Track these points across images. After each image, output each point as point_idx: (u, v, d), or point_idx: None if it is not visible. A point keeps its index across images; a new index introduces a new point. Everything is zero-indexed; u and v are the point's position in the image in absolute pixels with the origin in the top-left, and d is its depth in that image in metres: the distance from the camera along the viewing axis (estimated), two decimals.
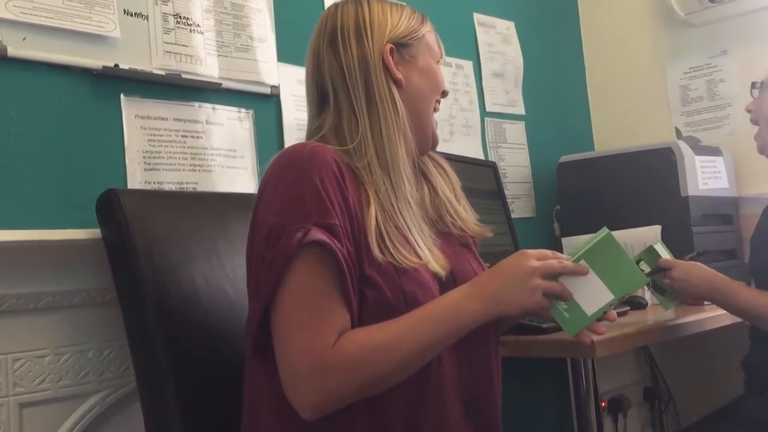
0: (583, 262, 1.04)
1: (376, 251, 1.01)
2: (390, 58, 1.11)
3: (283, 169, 1.02)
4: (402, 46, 1.14)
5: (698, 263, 1.64)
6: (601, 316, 1.05)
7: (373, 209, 1.03)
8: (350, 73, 1.10)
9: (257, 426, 1.07)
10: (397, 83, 1.11)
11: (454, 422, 1.07)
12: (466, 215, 1.21)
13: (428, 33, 1.18)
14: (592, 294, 1.03)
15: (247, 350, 1.08)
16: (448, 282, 1.07)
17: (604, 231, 1.06)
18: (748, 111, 1.75)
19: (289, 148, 1.06)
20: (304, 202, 0.98)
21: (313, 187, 0.98)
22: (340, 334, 0.97)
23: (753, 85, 1.75)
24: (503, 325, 1.26)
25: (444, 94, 1.20)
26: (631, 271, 1.06)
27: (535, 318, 1.49)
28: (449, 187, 1.23)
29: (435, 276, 1.06)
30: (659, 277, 1.60)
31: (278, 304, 0.98)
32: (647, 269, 1.59)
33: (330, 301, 0.97)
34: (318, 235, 0.96)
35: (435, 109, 1.19)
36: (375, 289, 1.00)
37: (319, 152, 1.02)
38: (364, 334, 0.98)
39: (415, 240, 1.06)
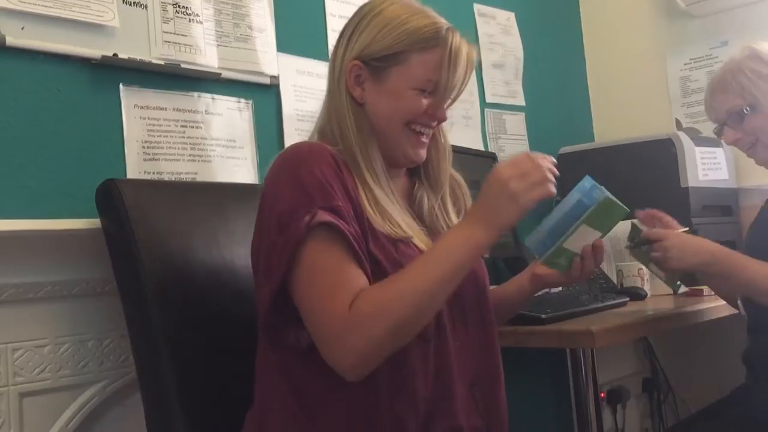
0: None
1: (378, 220, 1.08)
2: (349, 74, 1.14)
3: (285, 164, 1.08)
4: (372, 66, 1.14)
5: (694, 235, 1.56)
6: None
7: (365, 195, 1.10)
8: (333, 74, 1.17)
9: (266, 406, 1.10)
10: (354, 100, 1.15)
11: (461, 403, 1.11)
12: None
13: (419, 56, 1.12)
14: (584, 238, 1.15)
15: (259, 332, 1.13)
16: None
17: (601, 194, 1.13)
18: (735, 142, 1.67)
19: (289, 146, 1.12)
20: (308, 190, 1.04)
21: (315, 177, 1.05)
22: (355, 296, 1.01)
23: (723, 124, 1.68)
24: (511, 307, 1.32)
25: (434, 120, 1.16)
26: (618, 212, 1.16)
27: (535, 308, 1.50)
28: (455, 209, 1.26)
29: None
30: (647, 251, 1.51)
31: (296, 283, 1.03)
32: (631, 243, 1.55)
33: (343, 270, 1.02)
34: (325, 216, 1.02)
35: (417, 132, 1.15)
36: (377, 266, 1.06)
37: (317, 149, 1.10)
38: (376, 289, 1.02)
39: (399, 224, 1.11)
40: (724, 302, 1.68)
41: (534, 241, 1.18)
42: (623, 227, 1.85)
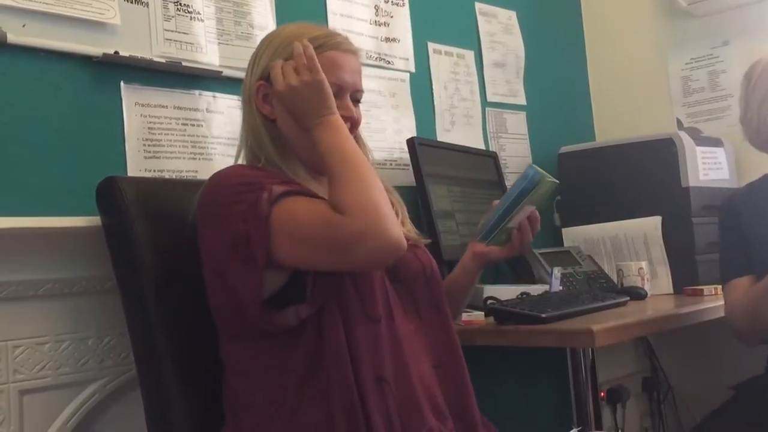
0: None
1: None
2: (256, 95, 1.23)
3: (219, 181, 1.15)
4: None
5: None
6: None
7: None
8: (244, 100, 1.27)
9: (239, 416, 1.14)
10: (266, 117, 1.22)
11: (424, 383, 1.15)
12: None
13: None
14: (522, 215, 1.31)
15: (231, 332, 1.17)
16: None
17: (543, 176, 1.28)
18: None
19: (212, 175, 1.18)
20: (252, 182, 1.10)
21: (252, 173, 1.14)
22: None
23: None
24: (460, 289, 1.39)
25: (345, 121, 1.20)
26: (551, 187, 1.32)
27: (535, 308, 1.50)
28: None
29: None
30: None
31: (286, 246, 1.07)
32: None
33: (316, 202, 1.10)
34: (280, 188, 1.09)
35: None
36: None
37: (237, 166, 1.22)
38: (332, 193, 1.10)
39: None
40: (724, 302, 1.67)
41: (482, 231, 1.33)
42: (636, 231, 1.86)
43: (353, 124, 1.23)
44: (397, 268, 1.21)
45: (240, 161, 1.27)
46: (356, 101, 1.25)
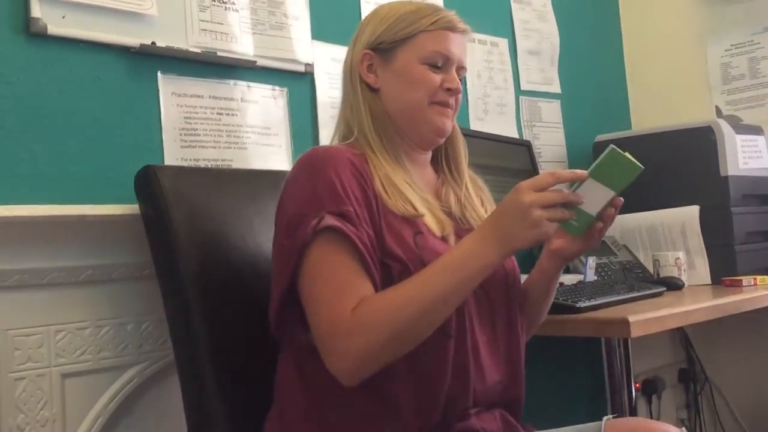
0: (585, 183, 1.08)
1: (390, 201, 1.10)
2: (361, 64, 1.20)
3: (302, 168, 1.12)
4: (381, 50, 1.19)
5: None
6: (603, 210, 1.12)
7: (380, 181, 1.12)
8: (345, 73, 1.23)
9: (283, 404, 1.14)
10: (370, 87, 1.19)
11: (482, 399, 1.12)
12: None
13: (425, 33, 1.17)
14: (594, 195, 1.09)
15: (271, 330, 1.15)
16: None
17: (610, 147, 1.11)
18: None
19: (309, 150, 1.15)
20: (320, 194, 1.06)
21: (328, 181, 1.07)
22: (359, 302, 1.02)
23: None
24: (539, 292, 1.27)
25: (450, 92, 1.18)
26: (630, 168, 1.12)
27: (570, 297, 1.49)
28: (479, 200, 1.28)
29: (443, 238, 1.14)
30: None
31: (302, 286, 1.06)
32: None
33: (348, 274, 1.04)
34: (331, 221, 1.03)
35: (441, 104, 1.18)
36: (398, 263, 1.07)
37: (335, 152, 1.12)
38: (380, 295, 1.04)
39: (416, 206, 1.12)
40: (763, 293, 1.65)
41: None
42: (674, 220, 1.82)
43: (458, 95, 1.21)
44: None
45: (335, 140, 1.23)
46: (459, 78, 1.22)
